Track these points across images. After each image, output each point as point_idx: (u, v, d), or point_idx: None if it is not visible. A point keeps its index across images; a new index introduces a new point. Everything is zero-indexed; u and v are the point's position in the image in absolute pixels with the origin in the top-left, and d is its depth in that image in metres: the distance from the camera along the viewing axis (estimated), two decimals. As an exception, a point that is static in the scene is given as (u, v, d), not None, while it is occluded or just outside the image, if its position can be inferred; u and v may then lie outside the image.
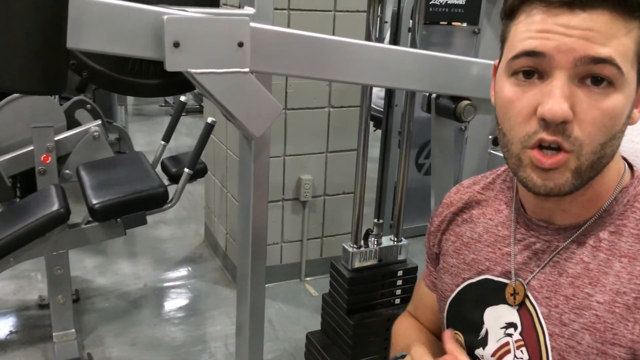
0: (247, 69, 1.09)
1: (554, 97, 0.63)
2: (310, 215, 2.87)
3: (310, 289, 2.88)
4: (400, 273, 1.73)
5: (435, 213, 0.95)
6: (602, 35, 0.62)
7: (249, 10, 1.26)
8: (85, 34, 0.97)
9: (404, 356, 0.84)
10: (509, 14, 0.70)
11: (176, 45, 1.01)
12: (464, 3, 3.11)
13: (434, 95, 1.47)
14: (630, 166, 0.77)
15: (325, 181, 2.84)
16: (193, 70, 1.04)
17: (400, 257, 1.77)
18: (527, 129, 0.67)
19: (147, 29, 1.00)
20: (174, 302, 2.76)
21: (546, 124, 0.65)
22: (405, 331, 1.02)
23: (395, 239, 1.76)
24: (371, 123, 4.47)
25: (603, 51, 0.62)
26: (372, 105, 4.37)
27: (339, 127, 2.76)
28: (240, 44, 1.07)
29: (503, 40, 0.72)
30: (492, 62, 1.40)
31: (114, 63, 1.27)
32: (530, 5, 0.66)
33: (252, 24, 1.09)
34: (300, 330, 2.46)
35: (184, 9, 1.13)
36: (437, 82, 1.35)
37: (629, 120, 0.68)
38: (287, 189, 2.78)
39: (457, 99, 1.41)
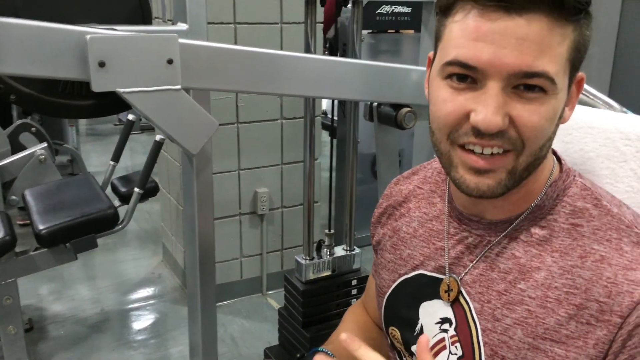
0: (178, 86, 1.07)
1: (488, 107, 0.62)
2: (269, 228, 2.85)
3: (272, 302, 2.85)
4: (354, 282, 1.73)
5: (377, 204, 0.95)
6: (537, 46, 0.60)
7: (181, 26, 1.24)
8: (5, 57, 0.94)
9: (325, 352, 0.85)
10: (444, 10, 0.66)
11: (102, 64, 0.99)
12: (410, 11, 3.16)
13: (375, 104, 1.49)
14: (559, 159, 0.77)
15: (281, 193, 2.83)
16: (122, 90, 1.02)
17: (355, 266, 1.77)
18: (457, 128, 0.66)
19: (71, 50, 0.98)
20: (134, 325, 2.69)
21: (479, 132, 0.63)
22: (348, 325, 1.01)
23: (348, 248, 1.76)
24: (327, 132, 4.45)
25: (536, 65, 0.61)
26: (328, 114, 4.36)
27: (293, 138, 2.76)
28: (170, 61, 1.05)
29: (437, 38, 0.69)
30: (429, 69, 1.43)
31: (43, 85, 1.23)
32: (466, 4, 0.63)
33: (182, 40, 1.08)
34: (263, 345, 2.42)
35: (112, 27, 1.11)
36: (376, 91, 1.35)
37: (561, 120, 0.69)
38: (243, 203, 2.75)
39: (397, 107, 1.43)
